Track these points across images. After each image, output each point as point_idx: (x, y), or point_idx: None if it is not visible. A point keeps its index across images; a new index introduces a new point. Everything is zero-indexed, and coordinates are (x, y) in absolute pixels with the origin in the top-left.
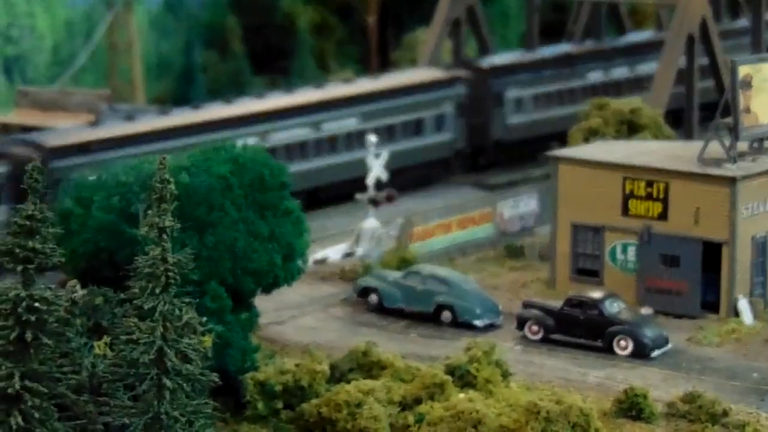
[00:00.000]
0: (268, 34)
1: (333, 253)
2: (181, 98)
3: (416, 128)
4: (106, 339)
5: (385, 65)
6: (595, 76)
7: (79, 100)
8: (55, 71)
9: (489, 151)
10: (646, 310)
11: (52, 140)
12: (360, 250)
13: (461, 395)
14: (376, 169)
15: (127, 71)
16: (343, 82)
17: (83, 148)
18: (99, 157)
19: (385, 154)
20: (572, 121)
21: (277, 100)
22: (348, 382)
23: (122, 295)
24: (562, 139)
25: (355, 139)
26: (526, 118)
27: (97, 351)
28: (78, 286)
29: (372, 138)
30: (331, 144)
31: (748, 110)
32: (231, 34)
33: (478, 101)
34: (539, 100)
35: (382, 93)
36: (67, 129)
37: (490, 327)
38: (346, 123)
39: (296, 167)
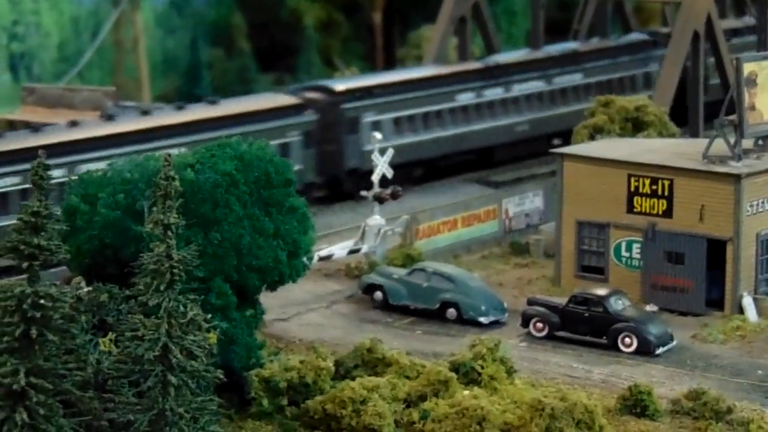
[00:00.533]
0: (273, 31)
1: (338, 250)
2: (187, 95)
3: None
4: (111, 336)
5: (390, 62)
6: (466, 98)
7: (85, 97)
8: (61, 68)
9: (344, 181)
10: (650, 308)
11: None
12: (365, 247)
13: (466, 392)
14: (381, 166)
15: (133, 68)
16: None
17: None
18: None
19: (390, 151)
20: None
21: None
22: (353, 378)
23: (127, 292)
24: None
25: None
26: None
27: (102, 348)
28: (83, 283)
29: (377, 135)
30: None
31: (753, 108)
32: (237, 31)
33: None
34: (401, 125)
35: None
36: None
37: (495, 324)
38: None
39: None
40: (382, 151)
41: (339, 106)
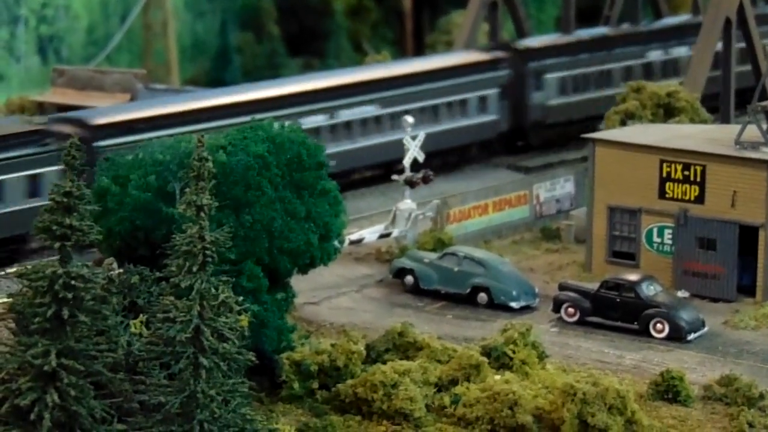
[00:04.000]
0: (303, 16)
1: (369, 234)
2: (216, 80)
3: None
4: (142, 317)
5: (420, 48)
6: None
7: (115, 80)
8: (90, 51)
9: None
10: (682, 293)
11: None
12: (396, 231)
13: (497, 377)
14: (413, 150)
15: (162, 52)
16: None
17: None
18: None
19: (421, 135)
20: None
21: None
22: (384, 362)
23: (158, 274)
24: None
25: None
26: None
27: (133, 329)
28: (115, 264)
29: (409, 119)
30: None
31: None
32: (266, 15)
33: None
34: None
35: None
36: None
37: (526, 309)
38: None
39: None
40: (413, 136)
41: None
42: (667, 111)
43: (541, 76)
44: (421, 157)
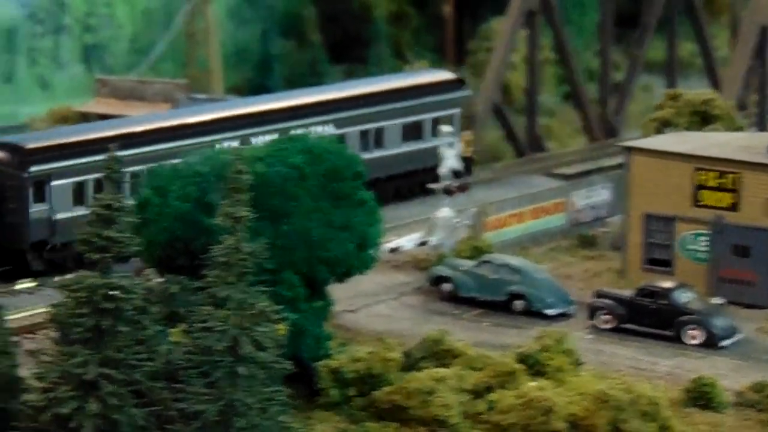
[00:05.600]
0: (344, 23)
1: (407, 242)
2: (259, 87)
3: None
4: (182, 327)
5: (461, 55)
6: None
7: (157, 90)
8: (133, 60)
9: None
10: (716, 300)
11: None
12: (434, 239)
13: (532, 384)
14: (450, 159)
15: (205, 60)
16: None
17: None
18: None
19: (458, 144)
20: None
21: None
22: (420, 370)
23: (198, 284)
24: None
25: None
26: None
27: (172, 338)
28: (154, 275)
29: (446, 128)
30: None
31: None
32: (308, 23)
33: None
34: None
35: None
36: None
37: (562, 316)
38: None
39: None
40: (451, 144)
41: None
42: (703, 118)
43: None
44: (458, 166)
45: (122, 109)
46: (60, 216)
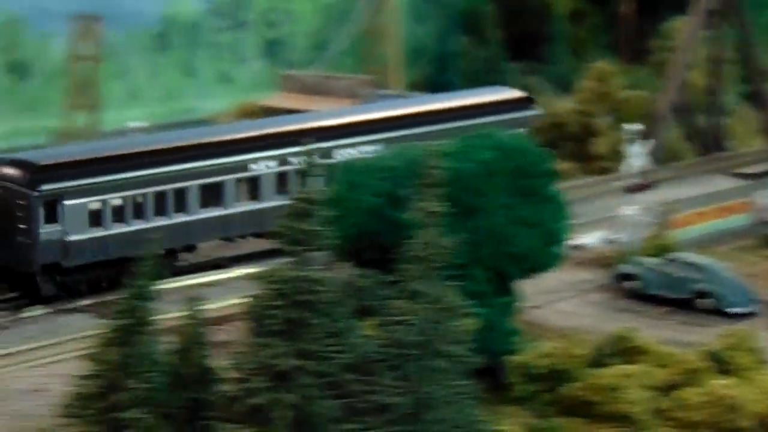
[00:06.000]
0: (523, 20)
1: (591, 239)
2: (438, 84)
3: None
4: (373, 320)
5: (640, 54)
6: None
7: (342, 85)
8: (313, 55)
9: None
10: None
11: None
12: (618, 237)
13: (718, 381)
14: (635, 157)
15: (384, 56)
16: None
17: None
18: None
19: (648, 143)
20: None
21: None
22: (607, 366)
23: (389, 278)
24: None
25: None
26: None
27: (364, 332)
28: (347, 268)
29: (632, 126)
30: None
31: None
32: (487, 20)
33: None
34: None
35: None
36: None
37: (747, 315)
38: None
39: None
40: (635, 142)
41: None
42: None
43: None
44: (644, 164)
45: (307, 104)
46: (74, 238)
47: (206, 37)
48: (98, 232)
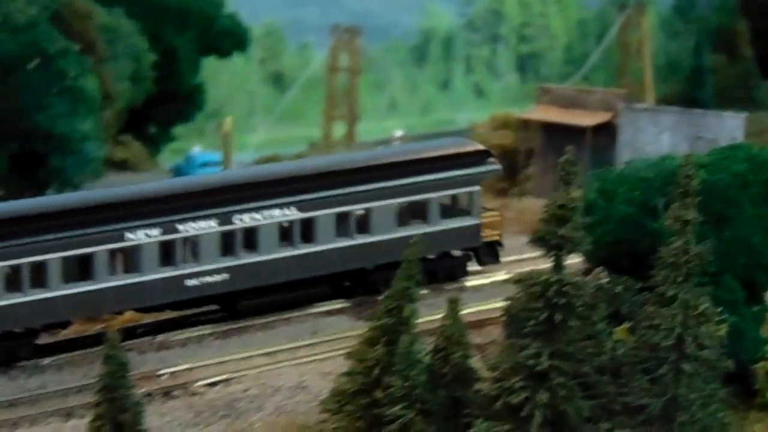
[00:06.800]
0: None
1: None
2: (690, 99)
3: None
4: (626, 324)
5: None
6: None
7: (597, 98)
8: (566, 70)
9: None
10: None
11: None
12: None
13: None
14: None
15: (637, 71)
16: None
17: None
18: None
19: None
20: None
21: None
22: None
23: (641, 284)
24: None
25: None
26: None
27: (617, 336)
28: (602, 274)
29: None
30: None
31: None
32: (740, 37)
33: None
34: None
35: None
36: None
37: None
38: None
39: None
40: None
41: None
42: None
43: None
44: None
45: (563, 117)
46: None
47: (461, 51)
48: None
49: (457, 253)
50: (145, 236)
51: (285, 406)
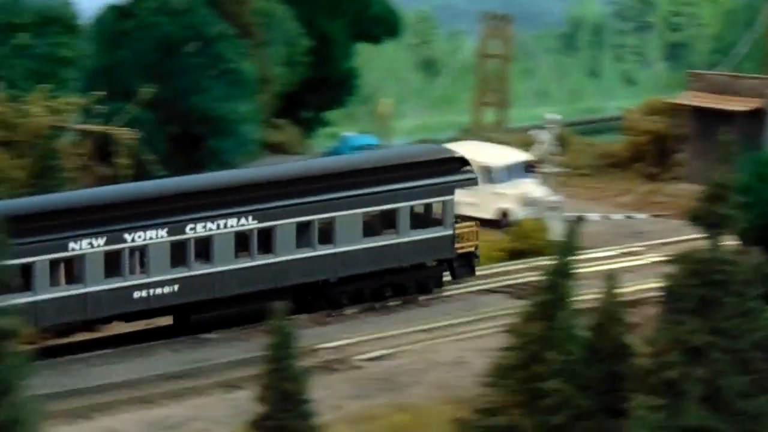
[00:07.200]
0: None
1: None
2: None
3: None
4: None
5: None
6: None
7: (750, 85)
8: (714, 59)
9: None
10: None
11: None
12: None
13: None
14: None
15: None
16: None
17: None
18: None
19: None
20: None
21: None
22: None
23: None
24: None
25: None
26: None
27: None
28: (757, 254)
29: None
30: None
31: None
32: None
33: None
34: None
35: None
36: None
37: None
38: None
39: None
40: None
41: None
42: None
43: None
44: None
45: (714, 103)
46: None
47: (610, 39)
48: None
49: (430, 263)
50: (89, 246)
51: (443, 380)
